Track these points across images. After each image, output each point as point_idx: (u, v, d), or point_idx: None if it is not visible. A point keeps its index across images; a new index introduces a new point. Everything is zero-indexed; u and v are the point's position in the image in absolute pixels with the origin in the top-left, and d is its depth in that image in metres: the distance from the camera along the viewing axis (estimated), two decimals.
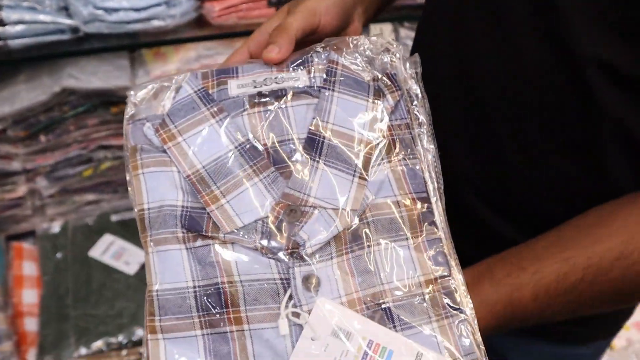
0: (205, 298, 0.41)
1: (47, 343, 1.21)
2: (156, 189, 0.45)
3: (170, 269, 0.42)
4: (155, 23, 1.22)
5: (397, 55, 0.50)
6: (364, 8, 0.62)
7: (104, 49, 1.23)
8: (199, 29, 1.30)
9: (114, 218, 1.43)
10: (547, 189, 0.57)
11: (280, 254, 0.43)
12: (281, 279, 0.42)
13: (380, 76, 0.49)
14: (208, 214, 0.44)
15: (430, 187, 0.46)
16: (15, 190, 1.34)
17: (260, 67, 0.50)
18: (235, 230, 0.43)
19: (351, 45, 0.50)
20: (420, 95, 0.49)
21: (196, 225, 0.44)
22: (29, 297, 1.32)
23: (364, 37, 0.51)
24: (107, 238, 1.38)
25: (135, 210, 0.45)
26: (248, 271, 0.42)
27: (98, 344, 1.20)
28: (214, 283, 0.42)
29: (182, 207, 0.45)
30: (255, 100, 0.48)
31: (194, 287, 0.42)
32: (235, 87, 0.49)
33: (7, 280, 1.32)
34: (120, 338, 1.21)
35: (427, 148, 0.47)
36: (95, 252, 1.35)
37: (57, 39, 1.17)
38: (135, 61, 1.34)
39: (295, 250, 0.43)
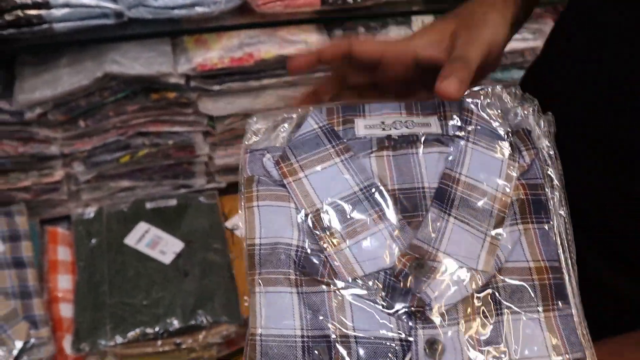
0: (314, 351, 0.38)
1: (83, 330, 1.20)
2: (271, 224, 0.42)
3: (278, 313, 0.39)
4: (199, 10, 1.20)
5: (532, 109, 0.47)
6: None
7: (146, 34, 1.21)
8: (242, 16, 1.28)
9: (149, 206, 1.41)
10: None
11: (403, 311, 0.39)
12: (401, 339, 0.39)
13: (515, 131, 0.46)
14: (326, 257, 0.41)
15: (562, 256, 0.42)
16: (52, 175, 1.33)
17: (388, 107, 0.48)
18: (355, 280, 0.40)
19: (487, 94, 0.47)
20: (554, 156, 0.46)
21: (311, 269, 0.41)
22: (64, 282, 1.31)
23: (500, 86, 0.48)
24: (142, 226, 1.36)
25: (245, 244, 0.42)
26: (364, 326, 0.39)
27: (134, 333, 1.19)
28: (324, 335, 0.39)
29: (298, 247, 0.42)
30: (385, 144, 0.46)
31: (302, 336, 0.39)
32: (362, 127, 0.46)
33: (42, 265, 1.31)
34: (157, 328, 1.20)
35: (559, 213, 0.44)
36: (131, 240, 1.34)
37: (100, 24, 1.15)
38: (176, 48, 1.31)
39: (420, 309, 0.39)
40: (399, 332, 0.39)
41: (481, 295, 0.40)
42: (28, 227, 1.32)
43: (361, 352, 0.38)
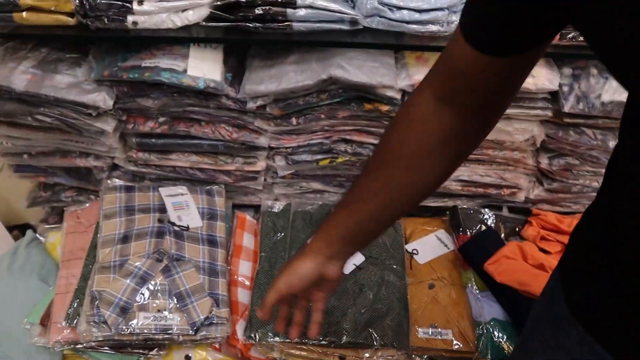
0: None
1: (256, 319, 1.22)
2: None
3: None
4: (433, 28, 1.18)
5: None
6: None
7: (376, 45, 1.22)
8: None
9: None
10: None
11: None
12: None
13: None
14: None
15: None
16: (255, 164, 1.39)
17: None
18: None
19: None
20: None
21: None
22: (244, 268, 1.36)
23: None
24: None
25: None
26: None
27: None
28: None
29: None
30: None
31: None
32: None
33: (229, 247, 1.37)
34: (327, 337, 1.19)
35: None
36: None
37: (335, 28, 1.17)
38: (397, 62, 1.31)
39: None
40: None
41: None
42: (224, 209, 1.39)
43: None
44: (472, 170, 1.45)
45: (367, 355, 1.21)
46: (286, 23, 1.16)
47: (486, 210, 1.50)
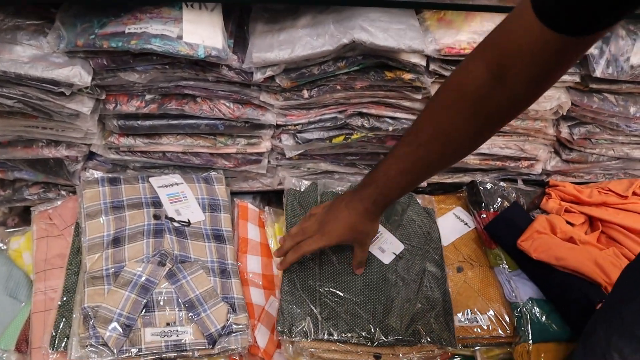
0: None
1: (289, 313, 1.05)
2: None
3: None
4: None
5: None
6: None
7: (396, 2, 1.06)
8: None
9: None
10: None
11: None
12: None
13: None
14: None
15: None
16: (259, 145, 1.21)
17: None
18: None
19: None
20: None
21: None
22: (254, 264, 1.18)
23: None
24: None
25: None
26: None
27: (350, 335, 1.04)
28: None
29: None
30: None
31: None
32: None
33: (234, 241, 1.19)
34: (374, 335, 1.04)
35: None
36: None
37: None
38: (420, 24, 1.16)
39: None
40: None
41: None
42: (227, 198, 1.20)
43: None
44: (492, 142, 1.34)
45: (403, 351, 1.08)
46: None
47: (502, 184, 1.40)
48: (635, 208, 1.35)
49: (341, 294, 1.09)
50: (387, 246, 1.17)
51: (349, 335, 1.03)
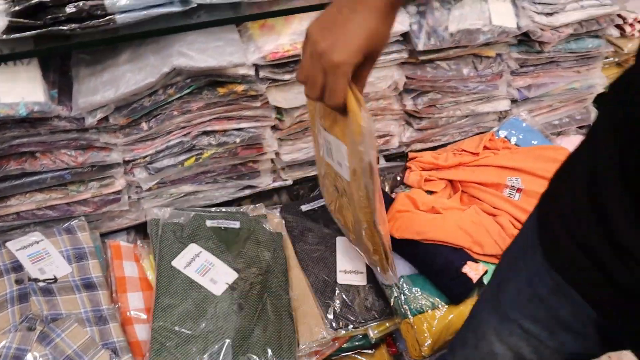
0: None
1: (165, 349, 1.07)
2: None
3: None
4: None
5: None
6: None
7: (216, 22, 1.09)
8: None
9: (209, 224, 1.26)
10: None
11: None
12: None
13: None
14: None
15: None
16: (113, 184, 1.21)
17: None
18: None
19: None
20: None
21: None
22: (136, 301, 1.19)
23: None
24: (194, 249, 1.21)
25: None
26: None
27: None
28: None
29: None
30: None
31: None
32: None
33: (110, 284, 1.19)
34: None
35: None
36: (179, 263, 1.18)
37: (166, 12, 1.03)
38: (242, 35, 1.19)
39: None
40: None
41: None
42: (92, 244, 1.20)
43: None
44: None
45: None
46: (107, 17, 0.99)
47: None
48: (486, 162, 1.45)
49: (176, 329, 1.09)
50: (219, 277, 1.17)
51: None
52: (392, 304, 1.20)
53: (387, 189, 1.43)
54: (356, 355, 1.28)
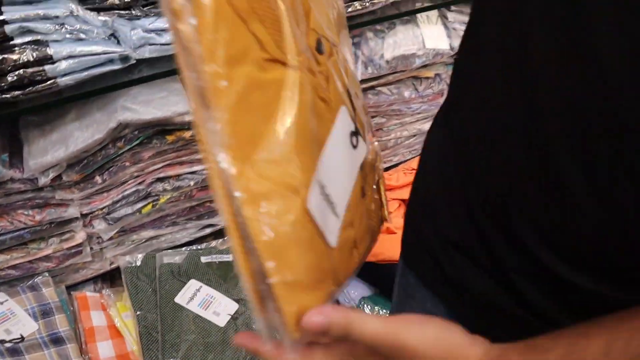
0: None
1: None
2: None
3: None
4: None
5: None
6: None
7: (158, 75, 1.13)
8: None
9: (204, 260, 1.34)
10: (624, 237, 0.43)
11: None
12: None
13: None
14: None
15: None
16: (74, 238, 1.24)
17: None
18: None
19: None
20: None
21: None
22: (106, 350, 1.22)
23: None
24: (194, 284, 1.29)
25: None
26: None
27: None
28: None
29: None
30: None
31: None
32: None
33: (79, 335, 1.22)
34: None
35: None
36: (182, 300, 1.25)
37: (107, 70, 1.07)
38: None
39: None
40: None
41: None
42: (57, 298, 1.23)
43: None
44: None
45: None
46: (50, 81, 1.03)
47: None
48: None
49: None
50: (221, 309, 1.24)
51: None
52: None
53: None
54: None
